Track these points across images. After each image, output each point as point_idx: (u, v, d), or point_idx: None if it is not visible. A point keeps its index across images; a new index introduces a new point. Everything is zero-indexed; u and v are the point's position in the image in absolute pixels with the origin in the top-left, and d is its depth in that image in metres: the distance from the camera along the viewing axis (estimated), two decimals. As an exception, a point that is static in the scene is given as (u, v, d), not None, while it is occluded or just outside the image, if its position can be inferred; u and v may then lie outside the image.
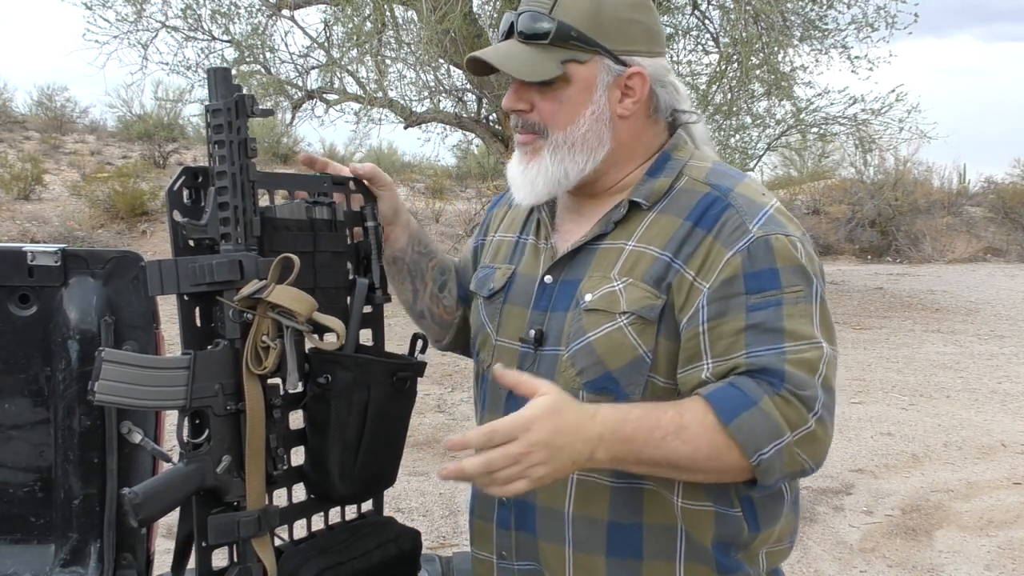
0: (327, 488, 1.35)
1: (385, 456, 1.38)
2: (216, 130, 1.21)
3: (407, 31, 9.80)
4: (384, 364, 1.35)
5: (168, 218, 1.21)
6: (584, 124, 1.27)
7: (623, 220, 1.27)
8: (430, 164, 17.98)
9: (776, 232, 1.19)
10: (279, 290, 1.20)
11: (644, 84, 1.27)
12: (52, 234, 11.85)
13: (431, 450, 5.16)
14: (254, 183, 1.24)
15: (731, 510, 1.22)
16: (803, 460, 1.14)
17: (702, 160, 1.31)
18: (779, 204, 1.25)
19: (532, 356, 1.28)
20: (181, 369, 1.18)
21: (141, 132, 18.25)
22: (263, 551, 1.24)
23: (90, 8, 10.19)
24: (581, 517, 1.24)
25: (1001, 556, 3.91)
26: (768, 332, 1.15)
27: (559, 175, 1.28)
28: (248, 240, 1.22)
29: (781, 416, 1.12)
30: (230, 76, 1.24)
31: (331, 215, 1.36)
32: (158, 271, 1.18)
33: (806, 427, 1.13)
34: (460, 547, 3.83)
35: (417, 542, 1.44)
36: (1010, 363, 7.68)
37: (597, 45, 1.25)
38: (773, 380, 1.13)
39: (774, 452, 1.11)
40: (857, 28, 10.06)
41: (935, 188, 17.77)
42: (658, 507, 1.22)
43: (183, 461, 1.20)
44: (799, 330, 1.15)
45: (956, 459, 5.16)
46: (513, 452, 1.06)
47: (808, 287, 1.18)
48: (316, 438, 1.33)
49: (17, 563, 1.61)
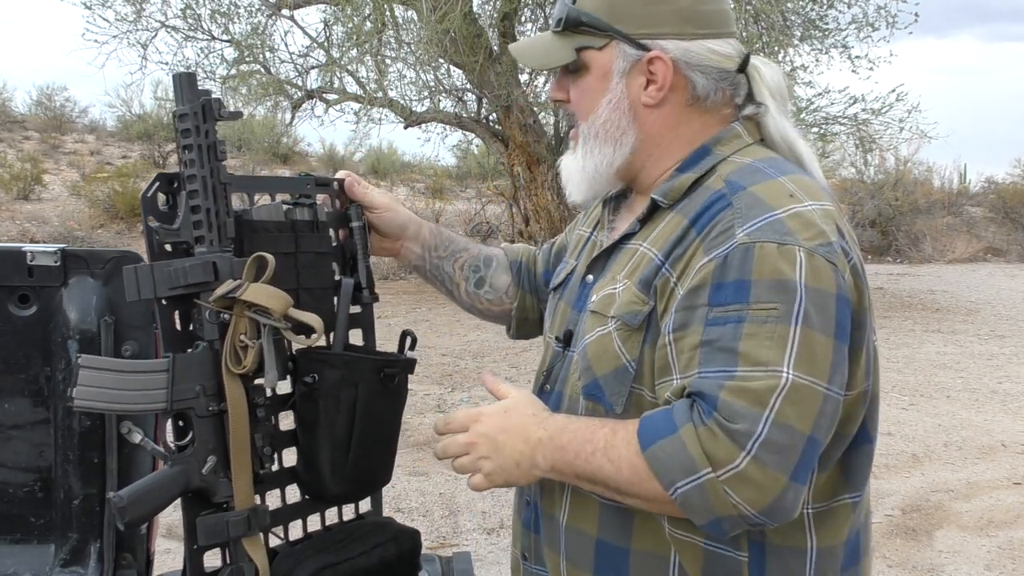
0: (319, 488, 1.35)
1: (377, 454, 1.38)
2: (184, 134, 1.22)
3: (407, 31, 9.80)
4: (371, 361, 1.35)
5: (144, 224, 1.22)
6: (602, 113, 1.20)
7: (647, 219, 1.20)
8: (430, 164, 17.99)
9: (766, 240, 1.03)
10: (253, 288, 1.20)
11: (667, 69, 1.17)
12: (52, 234, 11.84)
13: (431, 450, 5.15)
14: (226, 185, 1.24)
15: (730, 551, 1.10)
16: (736, 504, 0.99)
17: (747, 156, 1.17)
18: (809, 209, 1.07)
19: (562, 356, 1.27)
20: (160, 372, 1.19)
21: (141, 132, 18.23)
22: (255, 551, 1.24)
23: (89, 8, 10.20)
24: (572, 529, 1.20)
25: (1001, 556, 3.91)
26: (720, 352, 1.02)
27: (590, 168, 1.23)
28: (223, 242, 1.23)
29: (701, 449, 0.99)
30: (195, 80, 1.25)
31: (312, 216, 1.36)
32: (135, 276, 1.19)
33: (732, 466, 0.98)
34: (460, 547, 3.83)
35: (416, 542, 1.43)
36: (1010, 363, 7.67)
37: (612, 30, 1.17)
38: (705, 407, 1.01)
39: (692, 487, 1.00)
40: (857, 28, 10.06)
41: (935, 188, 17.77)
42: (647, 532, 1.13)
43: (168, 463, 1.21)
44: (754, 354, 1.00)
45: (956, 459, 5.16)
46: (461, 440, 1.18)
47: (788, 305, 1.01)
48: (306, 438, 1.33)
49: (17, 563, 1.61)
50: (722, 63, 1.19)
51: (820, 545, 1.13)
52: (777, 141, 1.21)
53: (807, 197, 1.09)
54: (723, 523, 1.02)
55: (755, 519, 1.00)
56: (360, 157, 19.02)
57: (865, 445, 1.16)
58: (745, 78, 1.22)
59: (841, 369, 1.04)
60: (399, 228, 1.47)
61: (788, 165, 1.17)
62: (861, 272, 1.10)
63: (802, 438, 1.00)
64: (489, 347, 7.70)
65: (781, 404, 0.99)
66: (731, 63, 1.20)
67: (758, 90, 1.21)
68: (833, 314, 1.03)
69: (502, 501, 4.39)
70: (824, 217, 1.08)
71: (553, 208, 10.34)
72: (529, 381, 1.38)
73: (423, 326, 8.47)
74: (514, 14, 9.85)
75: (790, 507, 1.01)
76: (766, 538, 1.11)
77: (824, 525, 1.14)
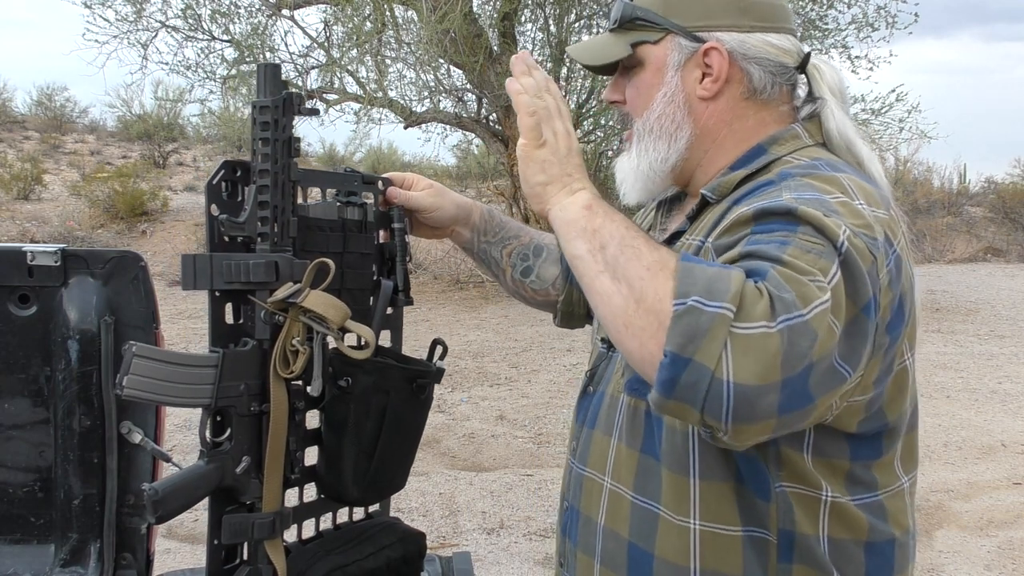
0: (340, 490, 1.34)
1: (398, 461, 1.38)
2: (263, 127, 1.19)
3: (407, 31, 9.80)
4: (404, 370, 1.34)
5: (206, 212, 1.19)
6: (657, 107, 1.17)
7: (696, 216, 1.17)
8: (430, 164, 17.98)
9: (812, 208, 0.95)
10: (313, 295, 1.18)
11: (723, 61, 1.14)
12: (52, 234, 11.84)
13: (431, 450, 5.15)
14: (295, 183, 1.23)
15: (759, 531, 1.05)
16: (722, 361, 0.85)
17: (806, 155, 1.12)
18: (862, 206, 1.00)
19: (606, 356, 1.24)
20: (210, 367, 1.17)
21: (141, 132, 18.25)
22: (274, 553, 1.24)
23: (90, 8, 10.20)
24: (610, 532, 1.16)
25: (1001, 556, 3.91)
26: (762, 259, 0.91)
27: (644, 167, 1.20)
28: (284, 240, 1.21)
29: (739, 291, 0.86)
30: (280, 73, 1.22)
31: (362, 216, 1.35)
32: (192, 266, 1.16)
33: (754, 325, 0.85)
34: (460, 547, 3.83)
35: (422, 545, 1.44)
36: (1010, 363, 7.67)
37: (666, 23, 1.16)
38: (755, 269, 0.90)
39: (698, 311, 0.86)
40: (857, 28, 10.08)
41: (935, 188, 17.79)
42: (671, 537, 1.08)
43: (203, 459, 1.19)
44: (799, 264, 0.90)
45: (956, 459, 5.16)
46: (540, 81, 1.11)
47: (832, 256, 0.91)
48: (332, 440, 1.32)
49: (17, 563, 1.61)
50: (780, 56, 1.16)
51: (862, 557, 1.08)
52: (836, 140, 1.16)
53: (863, 199, 1.01)
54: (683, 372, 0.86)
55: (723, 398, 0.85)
56: (360, 157, 19.03)
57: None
58: (805, 77, 1.19)
59: (858, 349, 0.93)
60: (448, 221, 1.47)
61: (848, 167, 1.11)
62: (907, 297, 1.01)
63: (811, 360, 0.87)
64: (489, 347, 7.71)
65: (819, 314, 0.87)
66: (789, 58, 1.17)
67: (818, 88, 1.18)
68: (872, 290, 0.93)
69: (502, 501, 4.39)
70: (876, 221, 0.99)
71: (553, 208, 10.34)
72: (530, 381, 1.38)
73: (423, 326, 8.47)
74: (514, 14, 9.86)
75: (759, 415, 0.87)
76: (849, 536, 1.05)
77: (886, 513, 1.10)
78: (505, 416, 5.82)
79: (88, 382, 1.58)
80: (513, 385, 6.46)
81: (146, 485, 1.14)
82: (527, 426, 5.62)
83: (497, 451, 5.20)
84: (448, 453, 5.17)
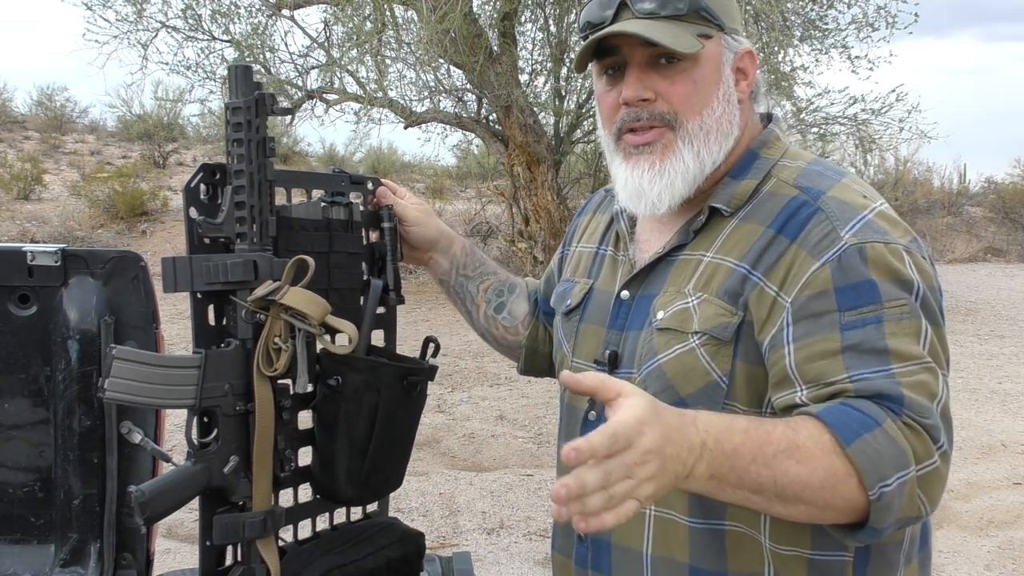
0: (334, 490, 1.34)
1: (392, 460, 1.38)
2: (235, 128, 1.20)
3: (407, 31, 9.79)
4: (395, 368, 1.34)
5: (184, 215, 1.19)
6: (718, 107, 1.14)
7: (703, 229, 1.15)
8: (430, 164, 17.98)
9: (873, 240, 1.04)
10: (293, 292, 1.19)
11: (754, 64, 1.17)
12: (52, 234, 11.83)
13: (431, 450, 5.15)
14: (271, 182, 1.23)
15: (836, 555, 1.07)
16: (920, 504, 0.96)
17: (795, 159, 1.17)
18: (885, 207, 1.09)
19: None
20: (192, 368, 1.17)
21: (141, 132, 18.23)
22: (267, 552, 1.24)
23: (90, 8, 10.20)
24: (661, 559, 1.12)
25: (1001, 556, 3.91)
26: (870, 353, 0.99)
27: (696, 171, 1.14)
28: (263, 240, 1.21)
29: (908, 443, 0.94)
30: (251, 73, 1.22)
31: (347, 215, 1.35)
32: (172, 268, 1.17)
33: (931, 462, 0.96)
34: (460, 547, 3.83)
35: (421, 545, 1.43)
36: (1010, 363, 7.67)
37: (721, 20, 1.14)
38: (892, 405, 0.96)
39: (897, 485, 0.93)
40: (857, 28, 10.05)
41: (935, 188, 17.77)
42: (743, 551, 1.08)
43: (190, 460, 1.19)
44: (906, 350, 0.99)
45: (956, 459, 5.14)
46: (628, 462, 0.82)
47: (916, 310, 1.02)
48: (324, 440, 1.32)
49: (17, 563, 1.61)
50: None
51: (913, 530, 1.13)
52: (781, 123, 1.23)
53: (874, 195, 1.12)
54: (894, 525, 0.97)
55: (925, 518, 1.00)
56: (360, 157, 19.02)
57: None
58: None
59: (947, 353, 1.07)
60: (428, 243, 1.46)
61: (830, 165, 1.20)
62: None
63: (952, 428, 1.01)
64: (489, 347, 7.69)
65: (944, 396, 1.00)
66: None
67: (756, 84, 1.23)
68: (938, 303, 1.08)
69: (502, 502, 4.39)
70: (894, 211, 1.11)
71: (553, 208, 10.34)
72: (530, 381, 1.38)
73: (423, 326, 8.46)
74: (514, 14, 9.85)
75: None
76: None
77: None
78: (505, 416, 5.82)
79: (88, 382, 1.58)
80: (513, 385, 6.46)
81: (133, 487, 1.15)
82: (527, 426, 5.62)
83: (497, 451, 5.20)
84: (448, 453, 5.17)
